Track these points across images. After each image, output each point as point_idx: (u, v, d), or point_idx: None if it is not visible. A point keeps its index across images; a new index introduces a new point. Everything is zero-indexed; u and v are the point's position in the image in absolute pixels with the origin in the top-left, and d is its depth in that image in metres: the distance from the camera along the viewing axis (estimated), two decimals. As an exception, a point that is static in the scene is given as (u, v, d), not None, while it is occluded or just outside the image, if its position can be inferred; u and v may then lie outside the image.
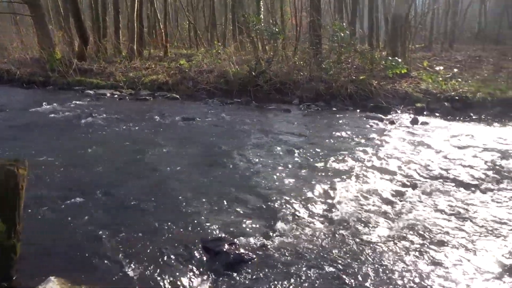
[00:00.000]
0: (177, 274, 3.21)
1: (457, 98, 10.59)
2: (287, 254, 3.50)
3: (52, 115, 9.06)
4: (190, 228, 3.91)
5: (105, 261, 3.33)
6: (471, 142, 7.25)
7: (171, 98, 11.90)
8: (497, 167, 5.86)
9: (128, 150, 6.54)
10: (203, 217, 4.13)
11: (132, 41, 16.82)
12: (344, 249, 3.59)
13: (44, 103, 10.13)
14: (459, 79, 12.31)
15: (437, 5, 23.22)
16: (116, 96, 12.20)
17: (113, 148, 6.64)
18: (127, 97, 12.01)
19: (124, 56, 16.05)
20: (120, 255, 3.42)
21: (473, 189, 5.02)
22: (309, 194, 4.75)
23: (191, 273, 3.23)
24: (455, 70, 13.95)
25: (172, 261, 3.37)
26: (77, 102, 10.63)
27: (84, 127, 8.04)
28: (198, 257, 3.44)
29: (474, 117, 9.59)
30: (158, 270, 3.25)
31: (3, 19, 21.92)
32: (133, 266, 3.27)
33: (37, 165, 5.41)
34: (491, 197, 4.78)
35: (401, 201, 4.65)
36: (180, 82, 12.95)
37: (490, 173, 5.59)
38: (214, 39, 20.46)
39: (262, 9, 19.16)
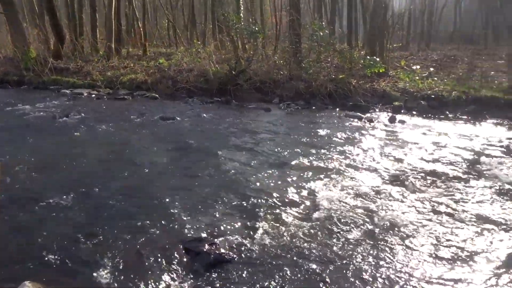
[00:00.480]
0: (157, 276, 3.17)
1: (433, 96, 10.81)
2: (267, 253, 3.50)
3: (27, 115, 8.84)
4: (169, 229, 3.88)
5: (82, 264, 3.27)
6: (447, 139, 7.41)
7: (150, 98, 11.76)
8: (471, 163, 6.00)
9: (106, 150, 6.44)
10: (183, 218, 4.09)
11: (110, 39, 16.53)
12: (325, 247, 3.61)
13: (18, 103, 9.88)
14: (435, 78, 12.57)
15: (413, 5, 23.64)
16: (93, 95, 11.99)
17: (90, 148, 6.53)
18: (105, 97, 11.81)
19: (102, 55, 15.78)
20: (97, 257, 3.36)
21: (449, 184, 5.13)
22: (289, 193, 4.76)
23: (171, 275, 3.20)
24: (431, 69, 14.25)
25: (151, 263, 3.34)
26: (53, 102, 10.41)
27: (60, 128, 7.87)
28: (178, 258, 3.42)
29: (449, 115, 9.80)
30: (137, 272, 3.21)
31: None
32: (111, 269, 3.22)
33: (12, 166, 5.27)
34: (467, 192, 4.89)
35: (380, 198, 4.72)
36: (160, 81, 12.81)
37: (465, 169, 5.73)
38: (193, 38, 20.32)
39: (241, 8, 19.13)
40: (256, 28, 13.89)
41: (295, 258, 3.43)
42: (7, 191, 4.31)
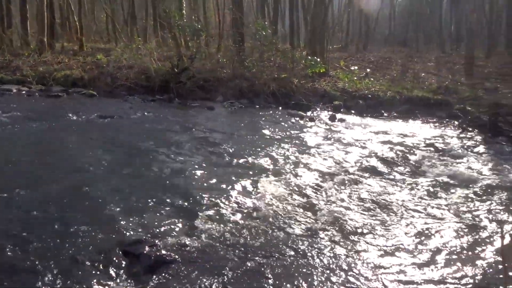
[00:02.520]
0: (93, 281, 3.02)
1: (370, 96, 11.32)
2: (209, 252, 3.46)
3: None
4: (107, 232, 3.70)
5: (13, 272, 3.03)
6: (382, 137, 7.79)
7: (87, 95, 11.21)
8: (404, 159, 6.35)
9: (38, 151, 6.04)
10: (122, 220, 3.93)
11: (42, 33, 15.53)
12: (266, 244, 3.64)
13: None
14: (372, 79, 13.18)
15: (351, 8, 24.61)
16: (24, 92, 11.22)
17: (20, 149, 6.08)
18: (36, 94, 11.10)
19: (33, 49, 14.79)
20: (28, 265, 3.12)
21: (384, 180, 5.39)
22: (231, 191, 4.74)
23: (109, 279, 3.06)
24: (368, 70, 14.92)
25: (88, 269, 3.16)
26: (-23, 99, 9.60)
27: (-15, 126, 7.27)
28: (116, 261, 3.27)
29: (385, 114, 10.31)
30: (73, 278, 3.03)
31: None
32: (43, 277, 3.01)
33: None
34: (400, 186, 5.17)
35: (320, 194, 4.84)
36: (97, 78, 12.26)
37: (398, 165, 6.05)
38: (134, 34, 19.66)
39: (184, 5, 18.81)
40: (199, 26, 13.73)
41: (237, 256, 3.42)
42: None
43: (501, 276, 3.14)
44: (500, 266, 3.30)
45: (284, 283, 3.11)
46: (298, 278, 3.17)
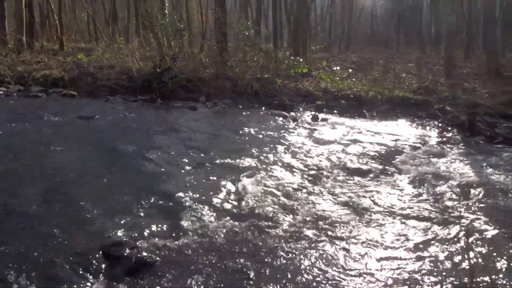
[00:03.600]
0: (74, 285, 2.98)
1: (352, 96, 11.44)
2: (190, 254, 3.45)
3: None
4: (87, 235, 3.65)
5: (-14, 278, 2.96)
6: (364, 136, 7.88)
7: (67, 95, 11.01)
8: (386, 158, 6.45)
9: (16, 152, 5.91)
10: (102, 222, 3.88)
11: (20, 32, 15.21)
12: (249, 244, 3.64)
13: None
14: (354, 79, 13.32)
15: (333, 9, 24.83)
16: (1, 92, 10.94)
17: (-3, 150, 5.95)
18: (15, 94, 10.84)
19: (11, 48, 14.47)
20: (7, 268, 3.06)
21: (366, 179, 5.47)
22: (213, 192, 4.73)
23: (89, 282, 3.02)
24: (350, 70, 15.07)
25: (66, 272, 3.11)
26: (-48, 99, 9.35)
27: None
28: (97, 264, 3.23)
29: (366, 114, 10.42)
30: (52, 282, 2.98)
31: None
32: (23, 281, 2.95)
33: None
34: (382, 185, 5.24)
35: (303, 194, 4.87)
36: (78, 78, 12.04)
37: (380, 164, 6.13)
38: (116, 33, 19.44)
39: (166, 5, 18.69)
40: (181, 26, 13.66)
41: (219, 257, 3.42)
42: None
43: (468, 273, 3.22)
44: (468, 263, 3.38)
45: (265, 284, 3.12)
46: (279, 278, 3.19)
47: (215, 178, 5.18)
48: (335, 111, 10.58)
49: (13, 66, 12.81)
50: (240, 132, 7.89)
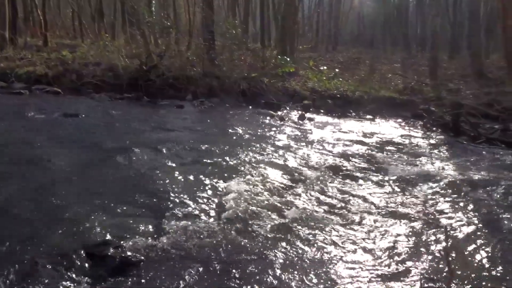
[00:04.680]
0: (57, 285, 2.93)
1: (338, 96, 11.53)
2: (176, 253, 3.42)
3: None
4: (71, 234, 3.59)
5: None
6: (350, 136, 7.95)
7: (51, 92, 10.84)
8: (370, 158, 6.51)
9: (-2, 150, 5.79)
10: (86, 221, 3.82)
11: (3, 27, 14.91)
12: (235, 244, 3.63)
13: None
14: (341, 79, 13.41)
15: (321, 8, 24.94)
16: (-17, 89, 10.74)
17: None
18: (-3, 91, 10.64)
19: (-6, 44, 14.19)
20: (-16, 270, 3.00)
21: (350, 178, 5.50)
22: (199, 191, 4.71)
23: (72, 283, 2.98)
24: (337, 70, 15.16)
25: (49, 272, 3.06)
26: None
27: None
28: (79, 264, 3.18)
29: (353, 113, 10.52)
30: (34, 283, 2.92)
31: None
32: (4, 280, 2.89)
33: None
34: (365, 184, 5.29)
35: (289, 193, 4.88)
36: (62, 75, 11.86)
37: (364, 163, 6.18)
38: (101, 30, 19.19)
39: (153, 2, 18.54)
40: (168, 23, 13.56)
41: (204, 256, 3.40)
42: None
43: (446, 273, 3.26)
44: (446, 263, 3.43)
45: (251, 283, 3.12)
46: (265, 277, 3.19)
47: (201, 177, 5.16)
48: (322, 111, 10.65)
49: (-5, 62, 12.55)
50: (227, 131, 7.87)
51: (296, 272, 3.27)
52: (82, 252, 3.30)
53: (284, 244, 3.68)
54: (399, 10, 28.74)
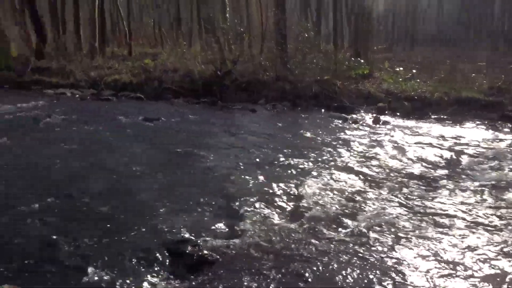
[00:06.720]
0: (138, 278, 3.15)
1: (416, 97, 10.97)
2: (251, 254, 3.51)
3: (6, 116, 8.65)
4: (152, 231, 3.85)
5: (61, 268, 3.22)
6: (429, 140, 7.53)
7: (135, 98, 11.64)
8: (452, 164, 6.11)
9: (88, 151, 6.36)
10: (166, 219, 4.07)
11: (93, 38, 16.32)
12: (309, 248, 3.63)
13: (-2, 103, 9.67)
14: (418, 80, 12.75)
15: (397, 7, 23.97)
16: (77, 96, 11.82)
17: (72, 149, 6.42)
18: (88, 97, 11.65)
19: (86, 54, 15.56)
20: (78, 260, 3.31)
21: (431, 186, 5.22)
22: (274, 194, 4.78)
23: (153, 276, 3.18)
24: (414, 70, 14.44)
25: (133, 265, 3.31)
26: (35, 103, 10.20)
27: (42, 129, 7.74)
28: (160, 260, 3.39)
29: (432, 116, 9.95)
30: (118, 274, 3.17)
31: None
32: (91, 272, 3.18)
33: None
34: (448, 193, 4.98)
35: (363, 198, 4.76)
36: (145, 82, 12.69)
37: (446, 170, 5.83)
38: (179, 37, 20.20)
39: (228, 8, 19.09)
40: (242, 29, 13.89)
41: (278, 259, 3.45)
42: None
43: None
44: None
45: (326, 286, 3.10)
46: (338, 284, 3.15)
47: (275, 179, 5.23)
48: (398, 114, 10.22)
49: (87, 71, 13.77)
50: (299, 134, 7.88)
51: (371, 279, 3.19)
52: (162, 248, 3.51)
53: (358, 249, 3.60)
54: (484, 4, 26.67)
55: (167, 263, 3.36)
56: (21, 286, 2.80)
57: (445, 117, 9.84)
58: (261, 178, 5.30)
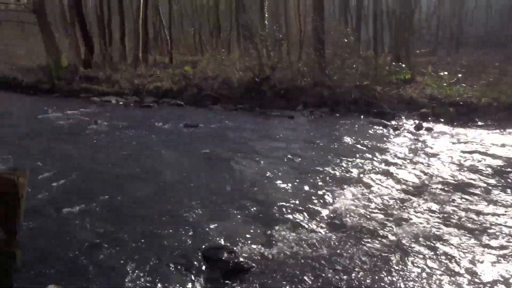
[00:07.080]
0: (176, 282, 3.21)
1: (461, 103, 10.53)
2: (286, 262, 3.48)
3: (57, 122, 9.13)
4: (189, 237, 3.91)
5: (103, 270, 3.34)
6: (476, 147, 7.20)
7: (175, 105, 11.93)
8: (502, 173, 5.80)
9: (130, 157, 6.57)
10: (203, 225, 4.13)
11: (137, 48, 16.92)
12: (345, 257, 3.57)
13: (49, 110, 10.21)
14: (464, 84, 12.25)
15: (442, 9, 23.15)
16: (121, 103, 12.27)
17: (115, 155, 6.67)
18: (131, 104, 12.07)
19: (130, 63, 16.15)
20: (119, 263, 3.43)
21: (477, 196, 4.98)
22: (311, 202, 4.73)
23: (190, 282, 3.24)
24: (460, 75, 13.88)
25: (171, 270, 3.38)
26: (82, 110, 10.69)
27: (88, 134, 8.09)
28: (197, 265, 3.44)
29: (479, 122, 9.52)
30: (157, 278, 3.25)
31: (13, 27, 22.12)
32: (132, 275, 3.28)
33: (39, 173, 5.43)
34: (496, 204, 4.73)
35: (405, 208, 4.62)
36: (185, 89, 12.99)
37: (494, 179, 5.54)
38: (218, 45, 20.54)
39: (266, 15, 19.20)
40: (280, 35, 13.92)
41: (315, 268, 3.40)
42: (32, 198, 4.44)
43: None
44: None
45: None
46: (376, 295, 3.07)
47: (312, 187, 5.18)
48: (442, 120, 9.85)
49: (131, 79, 14.28)
50: (338, 141, 7.77)
51: (410, 294, 3.08)
52: (198, 254, 3.56)
53: (400, 261, 3.49)
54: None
55: (203, 269, 3.40)
56: (65, 286, 2.92)
57: (492, 123, 9.38)
58: (297, 185, 5.27)
